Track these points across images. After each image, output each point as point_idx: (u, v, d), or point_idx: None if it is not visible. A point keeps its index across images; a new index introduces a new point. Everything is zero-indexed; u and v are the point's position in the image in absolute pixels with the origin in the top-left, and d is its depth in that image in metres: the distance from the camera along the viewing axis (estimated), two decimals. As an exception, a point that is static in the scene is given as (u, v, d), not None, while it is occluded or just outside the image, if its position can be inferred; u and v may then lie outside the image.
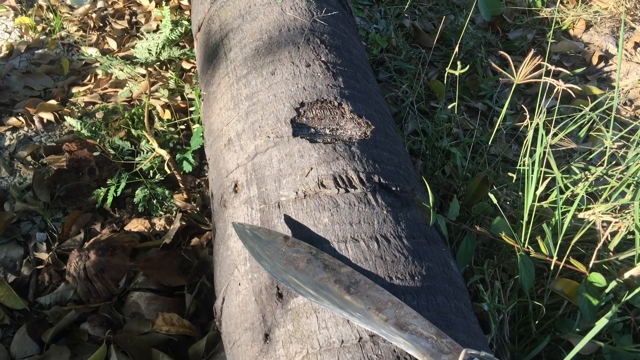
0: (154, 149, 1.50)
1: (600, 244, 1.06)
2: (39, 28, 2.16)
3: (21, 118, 1.78)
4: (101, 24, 2.23)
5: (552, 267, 1.08)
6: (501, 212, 1.16)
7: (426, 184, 1.00)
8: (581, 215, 1.17)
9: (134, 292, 1.29)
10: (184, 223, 1.45)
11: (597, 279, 1.03)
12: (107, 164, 1.57)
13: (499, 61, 2.11)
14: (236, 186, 1.02)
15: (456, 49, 1.49)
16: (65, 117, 1.69)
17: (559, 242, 1.07)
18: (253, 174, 0.99)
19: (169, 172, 1.54)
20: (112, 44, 2.12)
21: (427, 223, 0.95)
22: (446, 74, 1.53)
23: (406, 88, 1.90)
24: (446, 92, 1.92)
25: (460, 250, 1.15)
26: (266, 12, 1.27)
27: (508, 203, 1.36)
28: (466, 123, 1.80)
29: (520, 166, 1.38)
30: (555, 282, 1.10)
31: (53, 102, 1.83)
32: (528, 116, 1.32)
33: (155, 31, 2.15)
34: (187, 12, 2.23)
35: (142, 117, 1.68)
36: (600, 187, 1.31)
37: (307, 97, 1.05)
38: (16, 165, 1.64)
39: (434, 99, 1.93)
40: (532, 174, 1.13)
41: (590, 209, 1.19)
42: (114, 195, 1.49)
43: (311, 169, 0.93)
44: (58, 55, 2.07)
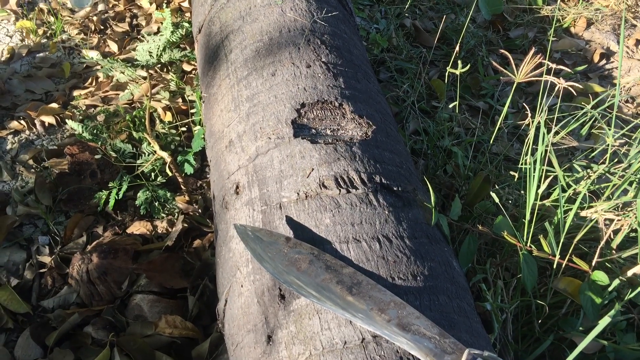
0: (155, 152, 1.50)
1: (603, 242, 1.06)
2: (40, 32, 2.16)
3: (23, 122, 1.78)
4: (102, 27, 2.23)
5: (554, 266, 1.08)
6: (503, 211, 1.16)
7: (428, 183, 1.00)
8: (583, 214, 1.17)
9: (137, 294, 1.29)
10: (186, 225, 1.45)
11: (600, 277, 1.02)
12: (108, 167, 1.58)
13: (500, 60, 2.11)
14: (237, 188, 1.02)
15: (457, 48, 1.49)
16: (66, 121, 1.69)
17: (561, 240, 1.07)
18: (254, 175, 0.99)
19: (170, 174, 1.55)
20: (113, 46, 2.13)
21: (429, 223, 0.95)
22: (447, 73, 1.53)
23: (407, 87, 1.90)
24: (447, 91, 1.92)
25: (462, 250, 1.14)
26: (266, 14, 1.27)
27: (510, 202, 1.35)
28: (468, 122, 1.80)
29: (522, 165, 1.38)
30: (558, 280, 1.09)
31: (54, 105, 1.83)
32: (529, 114, 1.32)
33: (156, 33, 2.16)
34: (188, 14, 2.23)
35: (143, 120, 1.68)
36: (603, 185, 1.30)
37: (307, 97, 1.05)
38: (18, 169, 1.64)
39: (435, 98, 1.93)
40: (533, 172, 1.13)
41: (592, 207, 1.19)
42: (116, 198, 1.49)
43: (312, 169, 0.93)
44: (59, 59, 2.07)
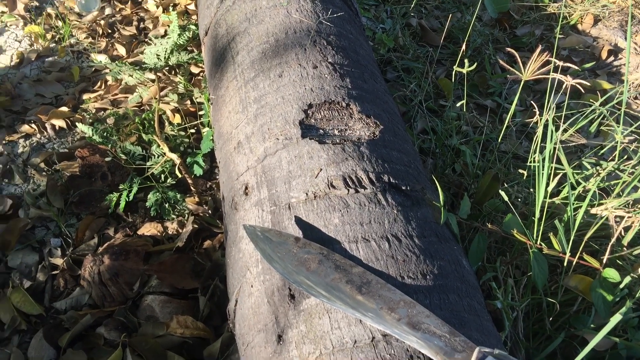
0: (164, 153, 1.51)
1: (613, 239, 1.05)
2: (49, 36, 2.18)
3: (33, 125, 1.80)
4: (110, 31, 2.25)
5: (565, 264, 1.08)
6: (512, 209, 1.16)
7: (436, 182, 1.00)
8: (593, 211, 1.17)
9: (148, 295, 1.30)
10: (196, 226, 1.46)
11: (611, 274, 1.02)
12: (119, 169, 1.59)
13: (507, 58, 2.11)
14: (246, 188, 1.02)
15: (463, 47, 1.49)
16: (76, 124, 1.70)
17: (571, 238, 1.06)
18: (263, 176, 0.99)
19: (180, 175, 1.55)
20: (121, 50, 2.14)
21: (438, 221, 0.95)
22: (454, 72, 1.53)
23: (414, 87, 1.90)
24: (455, 90, 1.92)
25: (472, 248, 1.14)
26: (272, 15, 1.28)
27: (519, 200, 1.35)
28: (475, 120, 1.79)
29: (531, 163, 1.38)
30: (569, 278, 1.09)
31: (64, 109, 1.85)
32: (537, 112, 1.32)
33: (163, 36, 2.17)
34: (194, 17, 2.24)
35: (152, 122, 1.69)
36: (613, 182, 1.30)
37: (314, 98, 1.06)
38: (30, 172, 1.65)
39: (442, 97, 1.93)
40: (542, 170, 1.12)
41: (602, 204, 1.18)
42: (127, 199, 1.50)
43: (320, 170, 0.93)
44: (68, 63, 2.09)
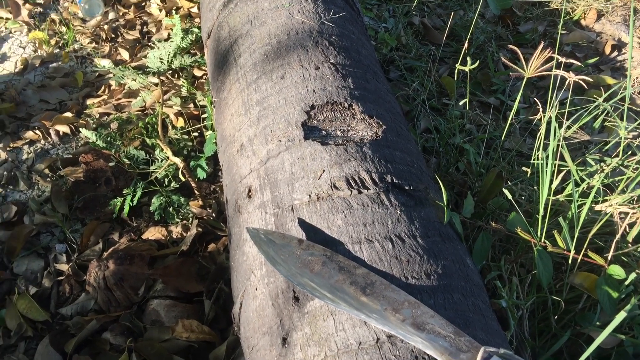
0: (168, 157, 1.51)
1: (618, 236, 1.05)
2: (53, 42, 2.19)
3: (38, 131, 1.80)
4: (113, 35, 2.25)
5: (570, 261, 1.07)
6: (516, 207, 1.15)
7: (439, 181, 1.00)
8: (598, 208, 1.16)
9: (154, 299, 1.31)
10: (200, 229, 1.46)
11: (616, 271, 1.01)
12: (122, 174, 1.59)
13: (510, 55, 2.10)
14: (250, 191, 1.02)
15: (466, 45, 1.48)
16: (80, 129, 1.71)
17: (576, 235, 1.06)
18: (266, 178, 0.99)
19: (183, 179, 1.56)
20: (125, 54, 2.15)
21: (442, 221, 0.95)
22: (457, 70, 1.52)
23: (417, 86, 1.90)
24: (458, 88, 1.91)
25: (476, 247, 1.14)
26: (274, 17, 1.28)
27: (523, 198, 1.35)
28: (479, 118, 1.79)
29: (534, 160, 1.37)
30: (574, 276, 1.08)
31: (68, 114, 1.85)
32: (541, 109, 1.31)
33: (166, 40, 2.17)
34: (197, 20, 2.24)
35: (155, 126, 1.70)
36: (617, 178, 1.29)
37: (317, 99, 1.06)
38: (34, 179, 1.66)
39: (445, 95, 1.92)
40: (546, 167, 1.12)
41: (607, 200, 1.18)
42: (131, 204, 1.50)
43: (323, 171, 0.93)
44: (72, 68, 2.10)
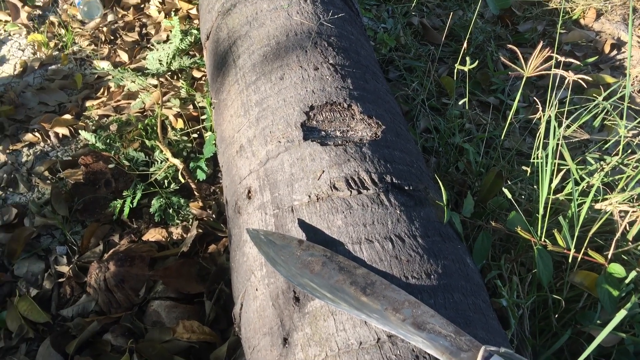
0: (167, 159, 1.51)
1: (618, 234, 1.05)
2: (52, 44, 2.19)
3: (37, 134, 1.80)
4: (112, 37, 2.25)
5: (570, 260, 1.07)
6: (516, 206, 1.15)
7: (439, 181, 1.00)
8: (598, 206, 1.16)
9: (154, 301, 1.31)
10: (200, 231, 1.46)
11: (616, 269, 1.01)
12: (122, 176, 1.59)
13: (509, 54, 2.10)
14: (249, 192, 1.02)
15: (465, 44, 1.49)
16: (80, 131, 1.71)
17: (576, 234, 1.06)
18: (265, 179, 0.99)
19: (183, 181, 1.56)
20: (124, 56, 2.15)
21: (442, 221, 0.95)
22: (456, 70, 1.52)
23: (416, 86, 1.90)
24: (457, 88, 1.91)
25: (476, 247, 1.14)
26: (273, 18, 1.28)
27: (523, 197, 1.35)
28: (479, 118, 1.79)
29: (534, 159, 1.37)
30: (574, 274, 1.09)
31: (68, 116, 1.85)
32: (540, 108, 1.31)
33: (165, 41, 2.17)
34: (196, 21, 2.24)
35: (155, 128, 1.70)
36: (617, 177, 1.29)
37: (316, 100, 1.06)
38: (34, 181, 1.66)
39: (445, 95, 1.92)
40: (546, 166, 1.12)
41: (606, 199, 1.18)
42: (131, 206, 1.50)
43: (323, 172, 0.93)
44: (71, 70, 2.10)
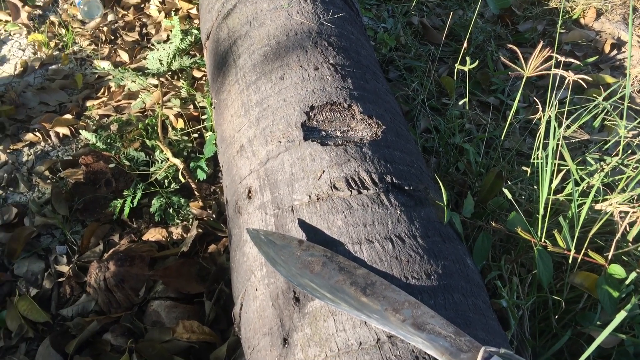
0: (168, 159, 1.51)
1: (618, 235, 1.05)
2: (52, 44, 2.19)
3: (38, 134, 1.80)
4: (112, 37, 2.25)
5: (570, 261, 1.07)
6: (516, 206, 1.15)
7: (439, 181, 1.00)
8: (598, 207, 1.16)
9: (154, 300, 1.31)
10: (200, 230, 1.46)
11: (616, 270, 1.01)
12: (122, 175, 1.59)
13: (509, 54, 2.10)
14: (250, 192, 1.02)
15: (465, 44, 1.49)
16: (80, 131, 1.71)
17: (576, 234, 1.06)
18: (266, 179, 0.99)
19: (183, 180, 1.56)
20: (124, 56, 2.15)
21: (442, 221, 0.95)
22: (456, 70, 1.52)
23: (417, 86, 1.90)
24: (457, 88, 1.91)
25: (476, 247, 1.14)
26: (273, 18, 1.28)
27: (523, 197, 1.35)
28: (479, 118, 1.79)
29: (534, 159, 1.37)
30: (574, 275, 1.08)
31: (68, 116, 1.85)
32: (540, 108, 1.31)
33: (165, 41, 2.17)
34: (196, 21, 2.24)
35: (155, 127, 1.70)
36: (617, 177, 1.29)
37: (316, 100, 1.06)
38: (34, 180, 1.66)
39: (445, 95, 1.92)
40: (546, 167, 1.12)
41: (607, 199, 1.18)
42: (131, 205, 1.50)
43: (323, 172, 0.93)
44: (71, 70, 2.10)
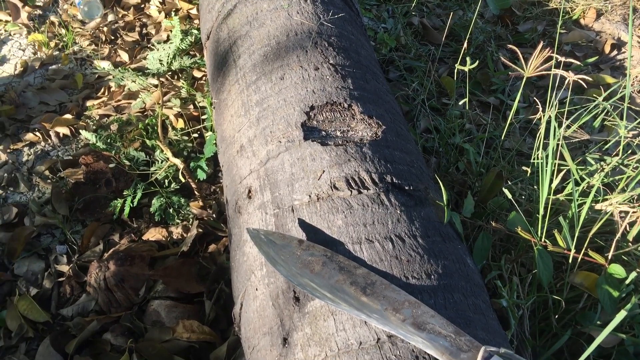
0: (168, 158, 1.51)
1: (618, 235, 1.05)
2: (52, 44, 2.19)
3: (38, 133, 1.80)
4: (112, 37, 2.25)
5: (570, 260, 1.07)
6: (517, 206, 1.15)
7: (439, 181, 1.00)
8: (598, 207, 1.16)
9: (154, 300, 1.31)
10: (200, 230, 1.46)
11: (616, 270, 1.01)
12: (123, 175, 1.59)
13: (509, 54, 2.10)
14: (250, 192, 1.02)
15: (465, 45, 1.49)
16: (80, 131, 1.71)
17: (576, 234, 1.06)
18: (266, 179, 0.99)
19: (183, 180, 1.56)
20: (124, 56, 2.15)
21: (442, 221, 0.95)
22: (456, 70, 1.52)
23: (417, 86, 1.90)
24: (457, 88, 1.91)
25: (476, 247, 1.14)
26: (273, 18, 1.28)
27: (523, 197, 1.35)
28: (479, 118, 1.79)
29: (534, 159, 1.37)
30: (575, 275, 1.09)
31: (68, 116, 1.85)
32: (540, 108, 1.31)
33: (165, 41, 2.18)
34: (197, 21, 2.24)
35: (155, 127, 1.70)
36: (617, 177, 1.29)
37: (316, 100, 1.06)
38: (34, 180, 1.66)
39: (445, 95, 1.92)
40: (546, 167, 1.12)
41: (607, 199, 1.18)
42: (131, 205, 1.50)
43: (323, 171, 0.93)
44: (71, 70, 2.10)
